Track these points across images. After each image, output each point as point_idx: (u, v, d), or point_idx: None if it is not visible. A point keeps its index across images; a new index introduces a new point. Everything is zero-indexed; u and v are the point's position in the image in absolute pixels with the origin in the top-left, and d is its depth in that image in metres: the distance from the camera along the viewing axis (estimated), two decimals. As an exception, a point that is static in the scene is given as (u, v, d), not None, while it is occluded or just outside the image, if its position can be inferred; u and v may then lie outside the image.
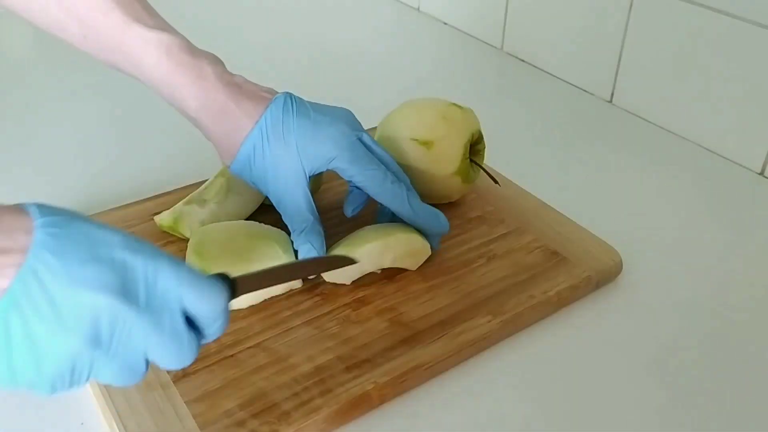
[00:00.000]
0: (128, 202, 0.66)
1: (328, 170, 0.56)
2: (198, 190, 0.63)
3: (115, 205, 0.65)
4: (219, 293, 0.38)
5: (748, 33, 0.73)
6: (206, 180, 0.65)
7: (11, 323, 0.33)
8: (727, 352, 0.55)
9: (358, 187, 0.57)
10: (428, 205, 0.58)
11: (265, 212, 0.63)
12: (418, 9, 1.16)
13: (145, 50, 0.54)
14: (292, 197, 0.56)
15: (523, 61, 0.99)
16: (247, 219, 0.63)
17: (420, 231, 0.58)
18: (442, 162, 0.62)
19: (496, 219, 0.65)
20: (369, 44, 1.06)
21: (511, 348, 0.54)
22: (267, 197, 0.64)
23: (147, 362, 0.37)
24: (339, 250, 0.56)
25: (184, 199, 0.62)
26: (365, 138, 0.57)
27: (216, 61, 0.56)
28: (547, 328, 0.56)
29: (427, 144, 0.62)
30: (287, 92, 0.57)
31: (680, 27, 0.79)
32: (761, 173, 0.76)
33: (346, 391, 0.48)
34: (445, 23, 1.11)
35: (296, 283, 0.57)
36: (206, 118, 0.55)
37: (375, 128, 0.68)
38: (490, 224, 0.64)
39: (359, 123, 0.58)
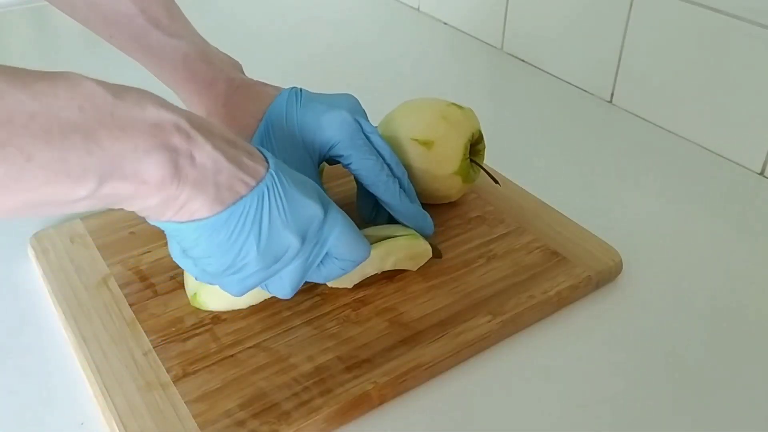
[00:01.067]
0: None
1: (331, 157, 0.57)
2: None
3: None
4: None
5: (748, 33, 0.73)
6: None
7: (252, 210, 0.43)
8: (727, 351, 0.55)
9: (356, 177, 0.58)
10: (418, 206, 0.59)
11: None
12: (418, 9, 1.16)
13: (162, 57, 0.56)
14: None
15: (523, 61, 0.99)
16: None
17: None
18: (443, 162, 0.62)
19: (496, 219, 0.65)
20: (369, 44, 1.06)
21: (511, 348, 0.54)
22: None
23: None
24: None
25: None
26: (366, 126, 0.57)
27: (230, 67, 0.58)
28: (547, 328, 0.56)
29: (427, 144, 0.62)
30: (293, 87, 0.57)
31: (680, 27, 0.79)
32: (761, 173, 0.76)
33: (346, 391, 0.48)
34: (445, 23, 1.11)
35: None
36: (217, 117, 0.57)
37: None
38: (490, 224, 0.64)
39: (363, 111, 0.59)
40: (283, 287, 0.48)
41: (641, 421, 0.49)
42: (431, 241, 0.59)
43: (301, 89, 0.58)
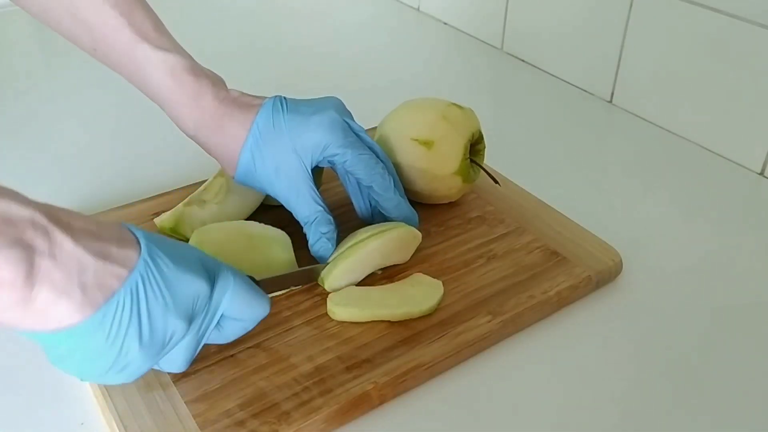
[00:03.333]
0: (128, 202, 0.66)
1: (327, 161, 0.57)
2: (198, 190, 0.63)
3: (115, 206, 0.65)
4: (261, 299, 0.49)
5: (748, 33, 0.73)
6: (206, 180, 0.65)
7: (126, 306, 0.40)
8: (727, 351, 0.55)
9: (348, 174, 0.58)
10: (405, 198, 0.60)
11: (265, 212, 0.63)
12: (418, 9, 1.16)
13: (149, 69, 0.55)
14: (298, 193, 0.56)
15: (523, 61, 0.99)
16: (247, 219, 0.63)
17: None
18: (443, 162, 0.62)
19: (496, 219, 0.65)
20: (369, 44, 1.06)
21: (511, 348, 0.54)
22: (267, 197, 0.64)
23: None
24: (336, 256, 0.56)
25: (184, 201, 0.62)
26: (353, 126, 0.58)
27: (216, 81, 0.58)
28: (547, 328, 0.56)
29: (427, 144, 0.62)
30: (277, 96, 0.58)
31: (680, 27, 0.79)
32: (761, 173, 0.76)
33: (346, 391, 0.48)
34: (445, 23, 1.11)
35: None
36: (203, 135, 0.57)
37: (375, 128, 0.68)
38: (490, 224, 0.64)
39: (348, 111, 0.59)
40: (175, 364, 0.46)
41: (641, 421, 0.49)
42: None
43: (284, 97, 0.58)
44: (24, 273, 0.36)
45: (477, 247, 0.61)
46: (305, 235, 0.57)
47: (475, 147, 0.65)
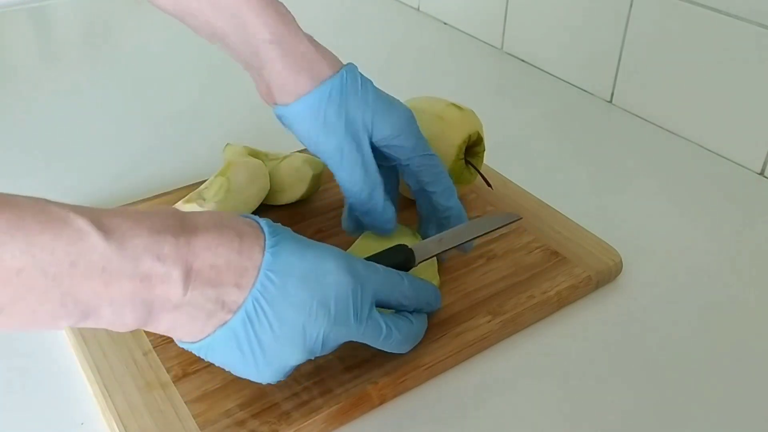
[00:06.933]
0: (129, 202, 0.66)
1: (389, 149, 0.55)
2: (198, 189, 0.63)
3: (115, 205, 0.65)
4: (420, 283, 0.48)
5: (748, 33, 0.73)
6: (206, 180, 0.65)
7: (240, 333, 0.41)
8: (727, 351, 0.55)
9: (403, 168, 0.56)
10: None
11: (265, 212, 0.63)
12: (418, 9, 1.16)
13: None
14: (351, 158, 0.53)
15: (523, 61, 0.99)
16: (247, 219, 0.63)
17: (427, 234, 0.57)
18: None
19: (496, 219, 0.65)
20: (369, 44, 1.06)
21: (511, 348, 0.54)
22: (267, 197, 0.64)
23: None
24: None
25: (184, 198, 0.62)
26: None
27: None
28: (547, 328, 0.56)
29: None
30: (350, 65, 0.56)
31: (680, 27, 0.79)
32: (761, 173, 0.76)
33: (346, 391, 0.48)
34: (445, 23, 1.11)
35: None
36: (277, 51, 0.52)
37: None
38: (490, 224, 0.64)
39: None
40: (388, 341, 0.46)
41: (641, 421, 0.49)
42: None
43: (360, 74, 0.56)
44: (142, 319, 0.39)
45: (477, 247, 0.61)
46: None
47: (473, 149, 0.65)
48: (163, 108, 0.85)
